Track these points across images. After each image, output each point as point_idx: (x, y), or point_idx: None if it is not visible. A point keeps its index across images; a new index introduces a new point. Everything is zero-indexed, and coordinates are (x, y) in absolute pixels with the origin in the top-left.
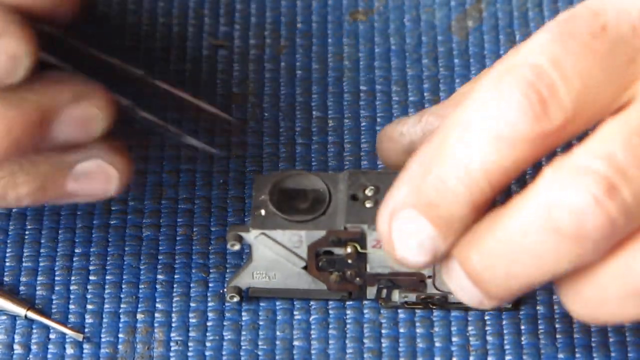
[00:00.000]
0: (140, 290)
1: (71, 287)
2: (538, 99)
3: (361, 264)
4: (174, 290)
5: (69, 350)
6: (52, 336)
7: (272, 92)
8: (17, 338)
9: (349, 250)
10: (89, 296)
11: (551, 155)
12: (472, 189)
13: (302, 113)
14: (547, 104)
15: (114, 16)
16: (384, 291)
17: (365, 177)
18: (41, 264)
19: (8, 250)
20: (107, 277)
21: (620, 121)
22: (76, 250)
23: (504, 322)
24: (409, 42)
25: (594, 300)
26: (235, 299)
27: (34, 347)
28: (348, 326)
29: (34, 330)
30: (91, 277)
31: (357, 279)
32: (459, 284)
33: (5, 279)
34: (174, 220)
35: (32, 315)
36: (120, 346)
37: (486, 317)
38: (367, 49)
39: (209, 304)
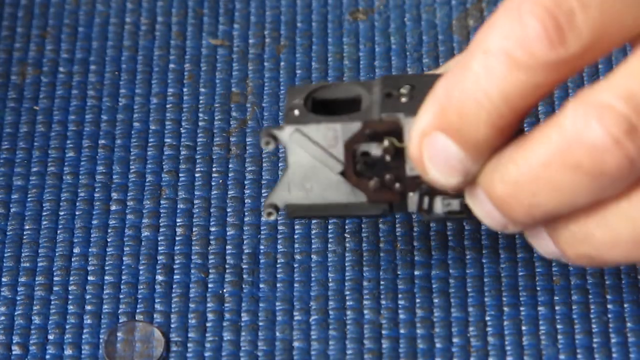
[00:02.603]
0: (139, 291)
1: (70, 288)
2: (554, 26)
3: (400, 164)
4: (173, 291)
5: (68, 351)
6: (50, 337)
7: (272, 91)
8: (15, 339)
9: (386, 143)
10: (87, 297)
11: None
12: (492, 112)
13: None
14: (564, 31)
15: (113, 16)
16: (426, 200)
17: (399, 79)
18: (40, 265)
19: (7, 250)
20: (106, 278)
21: None
22: (75, 251)
23: (505, 323)
24: (409, 41)
25: (603, 242)
26: (273, 217)
27: (32, 348)
28: (348, 327)
29: (33, 331)
30: (90, 278)
31: (397, 184)
32: (484, 209)
33: (4, 279)
34: (173, 221)
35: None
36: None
37: (487, 318)
38: (368, 48)
39: (208, 305)
